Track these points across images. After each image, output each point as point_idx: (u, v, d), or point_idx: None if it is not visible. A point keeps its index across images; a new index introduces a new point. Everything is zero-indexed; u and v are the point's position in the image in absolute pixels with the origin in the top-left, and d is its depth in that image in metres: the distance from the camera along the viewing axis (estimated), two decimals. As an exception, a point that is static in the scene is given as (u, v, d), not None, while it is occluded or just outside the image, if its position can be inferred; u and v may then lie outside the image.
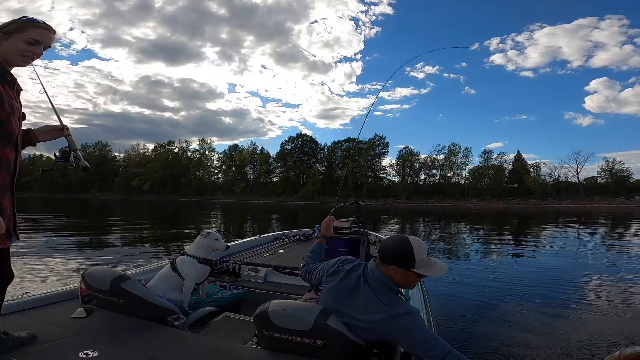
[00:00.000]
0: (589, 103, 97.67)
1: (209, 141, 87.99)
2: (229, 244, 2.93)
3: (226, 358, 1.57)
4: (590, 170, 70.22)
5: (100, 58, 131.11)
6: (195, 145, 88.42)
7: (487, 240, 13.46)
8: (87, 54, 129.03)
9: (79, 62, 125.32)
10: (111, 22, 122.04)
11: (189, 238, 11.21)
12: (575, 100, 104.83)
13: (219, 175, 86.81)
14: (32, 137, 1.57)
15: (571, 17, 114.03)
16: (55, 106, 1.70)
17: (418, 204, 58.32)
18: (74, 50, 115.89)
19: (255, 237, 4.73)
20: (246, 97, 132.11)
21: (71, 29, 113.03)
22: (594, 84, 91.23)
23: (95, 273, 2.05)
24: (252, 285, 3.09)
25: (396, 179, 72.79)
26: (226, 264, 3.41)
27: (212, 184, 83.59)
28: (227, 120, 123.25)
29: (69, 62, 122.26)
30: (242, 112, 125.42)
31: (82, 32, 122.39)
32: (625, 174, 60.21)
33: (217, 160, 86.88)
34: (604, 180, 61.53)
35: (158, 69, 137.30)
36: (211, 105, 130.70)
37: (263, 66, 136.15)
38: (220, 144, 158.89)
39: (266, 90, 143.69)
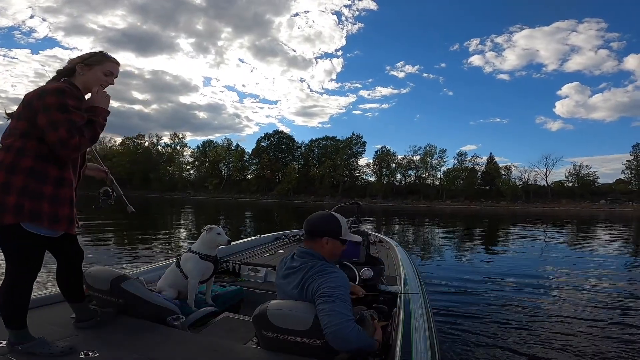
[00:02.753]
0: (559, 108, 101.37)
1: (180, 136, 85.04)
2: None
3: (226, 358, 1.59)
4: (558, 174, 72.75)
5: (63, 47, 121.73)
6: (166, 139, 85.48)
7: (459, 241, 13.46)
8: (49, 42, 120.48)
9: (40, 51, 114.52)
10: (75, 10, 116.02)
11: (157, 237, 10.55)
12: (547, 104, 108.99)
13: (191, 172, 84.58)
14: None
15: (552, 19, 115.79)
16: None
17: (394, 203, 58.35)
18: (34, 39, 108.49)
19: (255, 237, 4.74)
20: (222, 92, 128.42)
21: (31, 17, 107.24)
22: (565, 89, 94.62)
23: (95, 273, 2.04)
24: (252, 285, 3.07)
25: (372, 179, 72.76)
26: (226, 264, 3.40)
27: (183, 180, 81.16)
28: (201, 115, 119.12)
29: (29, 50, 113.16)
30: (217, 106, 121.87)
31: (43, 20, 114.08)
32: (591, 178, 62.70)
33: (190, 156, 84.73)
34: (570, 184, 63.77)
35: (127, 59, 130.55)
36: (185, 99, 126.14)
37: (240, 60, 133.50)
38: (194, 139, 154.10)
39: (243, 85, 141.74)
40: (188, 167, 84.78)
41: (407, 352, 1.57)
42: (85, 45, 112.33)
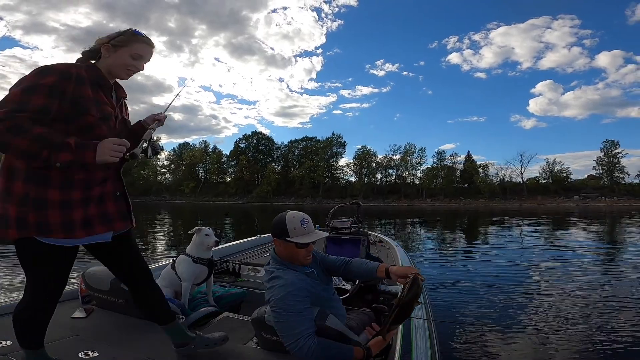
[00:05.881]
0: (533, 106, 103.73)
1: (155, 138, 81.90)
2: (230, 244, 3.43)
3: (226, 358, 1.61)
4: (533, 171, 74.56)
5: (22, 46, 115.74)
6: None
7: (449, 239, 13.34)
8: (7, 42, 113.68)
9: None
10: (33, 7, 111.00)
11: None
12: (522, 102, 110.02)
13: (167, 175, 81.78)
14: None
15: (527, 15, 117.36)
16: None
17: (375, 203, 58.11)
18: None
19: (255, 237, 4.75)
20: (198, 92, 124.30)
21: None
22: (539, 87, 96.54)
23: (95, 273, 2.03)
24: (252, 285, 3.04)
25: (353, 179, 72.32)
26: (226, 264, 3.39)
27: (158, 183, 78.33)
28: (176, 116, 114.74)
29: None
30: (193, 108, 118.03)
31: (0, 18, 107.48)
32: (564, 175, 64.41)
33: (165, 159, 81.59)
34: (544, 181, 65.41)
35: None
36: (158, 100, 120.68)
37: (216, 59, 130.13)
38: (170, 142, 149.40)
39: (220, 86, 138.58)
40: (163, 170, 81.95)
41: (407, 352, 1.58)
42: (47, 44, 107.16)
